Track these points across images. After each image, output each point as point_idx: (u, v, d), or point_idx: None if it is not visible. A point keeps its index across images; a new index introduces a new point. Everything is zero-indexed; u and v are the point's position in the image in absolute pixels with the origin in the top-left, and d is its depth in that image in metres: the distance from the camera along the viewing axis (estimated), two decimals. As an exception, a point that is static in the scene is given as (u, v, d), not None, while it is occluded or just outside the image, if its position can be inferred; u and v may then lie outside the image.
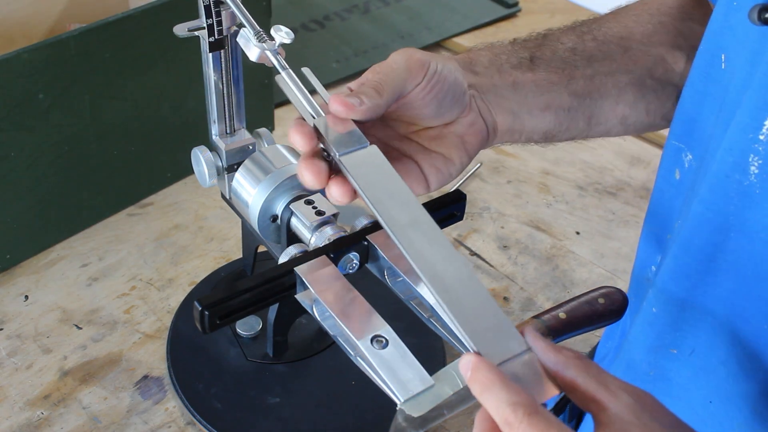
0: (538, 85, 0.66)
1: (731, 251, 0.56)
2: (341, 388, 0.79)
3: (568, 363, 0.45)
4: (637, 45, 0.70)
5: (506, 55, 0.67)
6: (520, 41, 0.70)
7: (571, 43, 0.70)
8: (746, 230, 0.55)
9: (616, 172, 1.12)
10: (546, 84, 0.67)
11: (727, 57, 0.58)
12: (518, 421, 0.41)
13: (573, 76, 0.68)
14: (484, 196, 1.07)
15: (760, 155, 0.53)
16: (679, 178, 0.65)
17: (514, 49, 0.68)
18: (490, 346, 0.48)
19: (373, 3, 1.46)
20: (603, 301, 0.66)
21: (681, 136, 0.64)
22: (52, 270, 0.92)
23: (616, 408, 0.43)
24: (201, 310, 0.59)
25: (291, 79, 0.61)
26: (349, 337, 0.57)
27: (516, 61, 0.67)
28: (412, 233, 0.54)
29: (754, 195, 0.54)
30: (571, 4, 1.56)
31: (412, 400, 0.53)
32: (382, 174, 0.57)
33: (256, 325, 0.82)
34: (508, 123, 0.65)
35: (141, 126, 0.96)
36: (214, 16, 0.68)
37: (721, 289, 0.58)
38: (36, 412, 0.78)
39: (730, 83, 0.57)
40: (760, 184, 0.54)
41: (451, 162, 0.62)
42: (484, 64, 0.66)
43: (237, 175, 0.72)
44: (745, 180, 0.54)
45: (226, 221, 1.00)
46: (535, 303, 0.92)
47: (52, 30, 1.07)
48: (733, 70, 0.57)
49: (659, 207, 0.69)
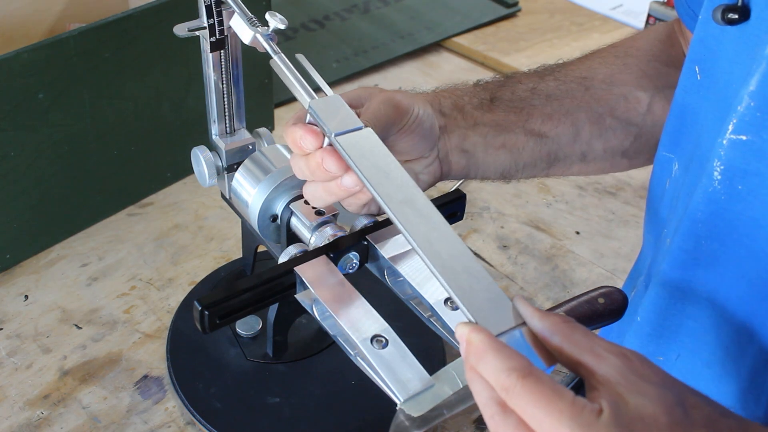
0: (497, 124, 0.69)
1: (708, 256, 0.57)
2: (341, 388, 0.79)
3: (554, 329, 0.46)
4: (599, 84, 0.72)
5: (468, 97, 0.70)
6: (482, 83, 0.72)
7: (532, 84, 0.72)
8: (718, 236, 0.56)
9: (616, 172, 1.12)
10: (504, 123, 0.69)
11: (701, 68, 0.59)
12: (512, 384, 0.42)
13: (531, 114, 0.70)
14: (484, 196, 1.07)
15: (722, 160, 0.54)
16: (668, 188, 0.66)
17: (476, 90, 0.71)
18: (486, 317, 0.48)
19: (373, 3, 1.46)
20: (603, 301, 0.66)
21: (669, 147, 0.65)
22: (52, 270, 0.92)
23: (603, 370, 0.43)
24: (201, 310, 0.59)
25: (284, 63, 0.62)
26: (349, 337, 0.57)
27: (477, 102, 0.70)
28: (408, 210, 0.54)
29: (719, 201, 0.55)
30: (571, 4, 1.56)
31: (412, 400, 0.53)
32: (377, 154, 0.58)
33: (256, 325, 0.82)
34: (462, 163, 0.69)
35: (141, 126, 0.96)
36: (215, 15, 0.68)
37: (703, 292, 0.59)
38: (36, 412, 0.78)
39: (707, 92, 0.58)
40: (724, 190, 0.54)
41: None
42: (448, 106, 0.68)
43: (237, 175, 0.72)
44: (710, 186, 0.55)
45: (226, 221, 1.00)
46: (535, 303, 0.92)
47: (52, 30, 1.07)
48: (707, 80, 0.58)
49: (652, 217, 0.70)
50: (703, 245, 0.57)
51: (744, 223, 0.54)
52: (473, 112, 0.69)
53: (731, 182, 0.54)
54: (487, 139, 0.69)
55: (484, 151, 0.69)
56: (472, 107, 0.69)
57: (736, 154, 0.53)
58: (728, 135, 0.53)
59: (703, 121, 0.59)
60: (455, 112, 0.68)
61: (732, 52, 0.54)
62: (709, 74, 0.58)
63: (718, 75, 0.56)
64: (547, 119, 0.70)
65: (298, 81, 0.62)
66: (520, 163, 0.71)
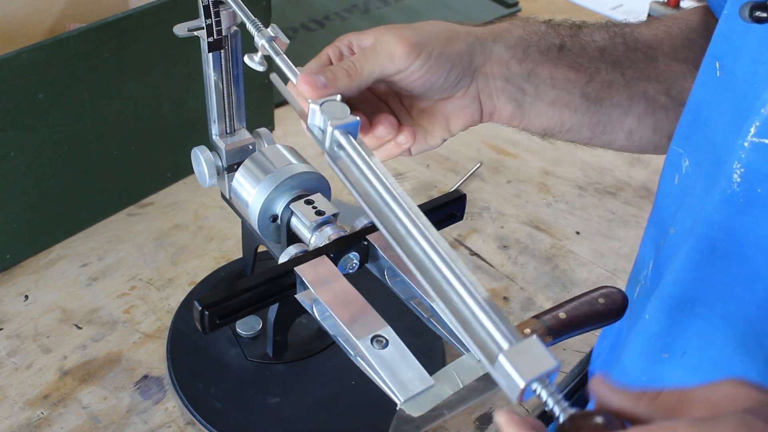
0: (554, 79, 0.65)
1: (723, 258, 0.57)
2: (341, 388, 0.79)
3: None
4: (664, 58, 0.69)
5: (537, 36, 0.66)
6: (555, 24, 0.68)
7: (602, 42, 0.68)
8: (734, 238, 0.55)
9: (616, 172, 1.12)
10: (562, 81, 0.66)
11: (721, 65, 0.58)
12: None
13: (593, 78, 0.67)
14: (484, 196, 1.07)
15: (743, 162, 0.53)
16: (677, 184, 0.65)
17: (547, 31, 0.67)
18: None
19: (373, 3, 1.46)
20: (603, 301, 0.66)
21: (680, 142, 0.64)
22: (52, 270, 0.92)
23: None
24: (201, 310, 0.59)
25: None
26: (349, 337, 0.57)
27: (545, 46, 0.66)
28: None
29: (738, 204, 0.54)
30: (571, 4, 1.56)
31: (412, 400, 0.53)
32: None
33: (256, 325, 0.82)
34: (509, 110, 0.65)
35: (141, 126, 0.96)
36: (213, 16, 0.68)
37: (715, 292, 0.58)
38: (36, 412, 0.78)
39: (726, 90, 0.57)
40: (743, 193, 0.54)
41: (431, 136, 0.64)
42: (509, 43, 0.65)
43: (237, 175, 0.72)
44: (729, 188, 0.54)
45: (226, 221, 1.00)
46: (535, 303, 0.92)
47: (52, 30, 1.07)
48: (727, 78, 0.57)
49: (660, 211, 0.69)
50: (719, 247, 0.56)
51: (762, 225, 0.54)
52: (536, 57, 0.65)
53: (751, 185, 0.53)
54: (539, 90, 0.65)
55: (532, 102, 0.65)
56: (538, 50, 0.65)
57: (758, 157, 0.52)
58: (750, 138, 0.52)
59: (719, 119, 0.57)
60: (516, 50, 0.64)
61: (756, 51, 0.53)
62: (730, 71, 0.57)
63: (740, 73, 0.55)
64: (607, 87, 0.67)
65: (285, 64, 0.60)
66: (567, 125, 0.67)
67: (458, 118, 0.64)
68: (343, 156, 0.56)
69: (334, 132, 0.56)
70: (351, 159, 0.56)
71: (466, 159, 1.12)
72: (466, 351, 0.58)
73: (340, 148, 0.57)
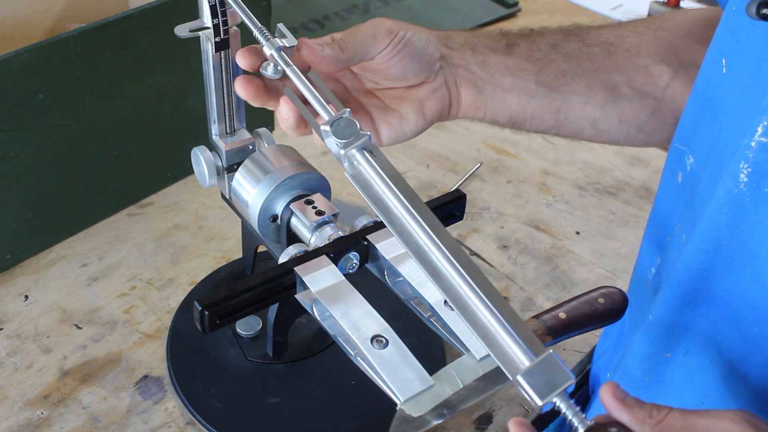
0: (507, 67, 0.69)
1: (727, 257, 0.56)
2: (341, 388, 0.79)
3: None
4: (623, 52, 0.71)
5: (483, 39, 0.70)
6: (504, 31, 0.72)
7: (554, 41, 0.71)
8: (739, 237, 0.55)
9: (616, 172, 1.12)
10: (515, 68, 0.69)
11: (727, 62, 0.58)
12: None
13: (545, 67, 0.69)
14: (484, 196, 1.07)
15: (750, 162, 0.53)
16: (681, 181, 0.65)
17: (494, 35, 0.71)
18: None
19: (373, 3, 1.46)
20: (603, 301, 0.66)
21: (684, 139, 0.64)
22: (52, 270, 0.92)
23: None
24: (201, 310, 0.59)
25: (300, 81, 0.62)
26: (349, 337, 0.57)
27: (492, 45, 0.69)
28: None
29: (744, 203, 0.54)
30: (571, 4, 1.56)
31: (412, 400, 0.53)
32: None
33: (256, 325, 0.82)
34: (471, 97, 0.68)
35: (141, 126, 0.96)
36: (219, 15, 0.68)
37: (719, 291, 0.58)
38: (36, 412, 0.78)
39: (732, 87, 0.57)
40: (750, 192, 0.53)
41: (406, 121, 0.66)
42: (459, 42, 0.69)
43: (237, 175, 0.72)
44: (735, 188, 0.54)
45: (226, 221, 1.00)
46: (535, 303, 0.92)
47: (52, 30, 1.07)
48: (733, 75, 0.57)
49: (662, 209, 0.69)
50: (724, 246, 0.56)
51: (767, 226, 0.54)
52: (485, 51, 0.69)
53: (758, 185, 0.53)
54: (495, 77, 0.68)
55: (492, 90, 0.68)
56: (485, 47, 0.69)
57: (766, 157, 0.52)
58: (757, 137, 0.51)
59: (724, 117, 0.57)
60: (465, 48, 0.68)
61: (762, 49, 0.53)
62: (737, 68, 0.56)
63: (746, 71, 0.55)
64: (561, 75, 0.69)
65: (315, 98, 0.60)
66: (528, 111, 0.69)
67: (431, 101, 0.67)
68: (363, 172, 0.58)
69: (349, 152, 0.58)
70: (369, 175, 0.58)
71: (466, 159, 1.12)
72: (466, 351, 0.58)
73: (358, 165, 0.58)
